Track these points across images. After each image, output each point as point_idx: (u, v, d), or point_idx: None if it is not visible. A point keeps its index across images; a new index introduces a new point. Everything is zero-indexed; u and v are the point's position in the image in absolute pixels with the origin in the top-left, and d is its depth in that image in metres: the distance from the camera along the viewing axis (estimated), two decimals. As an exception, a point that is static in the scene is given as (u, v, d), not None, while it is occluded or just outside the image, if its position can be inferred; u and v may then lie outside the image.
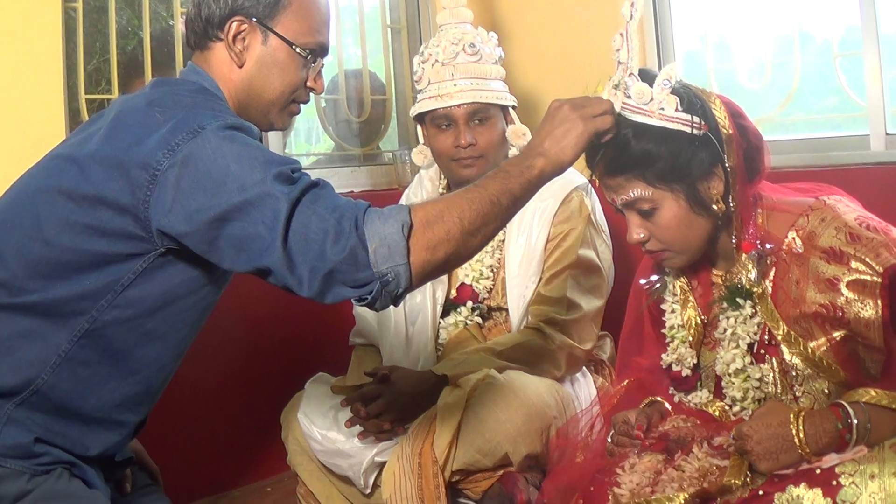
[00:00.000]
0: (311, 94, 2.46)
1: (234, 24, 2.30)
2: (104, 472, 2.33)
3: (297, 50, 2.33)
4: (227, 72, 2.33)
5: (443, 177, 3.54)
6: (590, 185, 3.21)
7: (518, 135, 3.39)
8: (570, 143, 2.23)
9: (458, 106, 3.33)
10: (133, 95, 2.30)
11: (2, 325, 2.15)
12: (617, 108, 2.31)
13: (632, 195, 2.32)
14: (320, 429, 3.17)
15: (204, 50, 2.36)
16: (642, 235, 2.36)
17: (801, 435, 2.10)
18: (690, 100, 2.31)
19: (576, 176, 3.30)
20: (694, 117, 2.28)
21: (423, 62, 3.46)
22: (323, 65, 2.45)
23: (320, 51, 2.40)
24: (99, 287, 2.14)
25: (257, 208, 2.01)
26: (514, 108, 3.47)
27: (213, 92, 2.30)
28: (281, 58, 2.33)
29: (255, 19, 2.30)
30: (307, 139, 4.88)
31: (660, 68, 2.38)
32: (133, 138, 2.10)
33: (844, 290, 2.21)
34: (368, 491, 3.10)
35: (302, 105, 2.45)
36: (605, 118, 2.26)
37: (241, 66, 2.33)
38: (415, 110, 3.47)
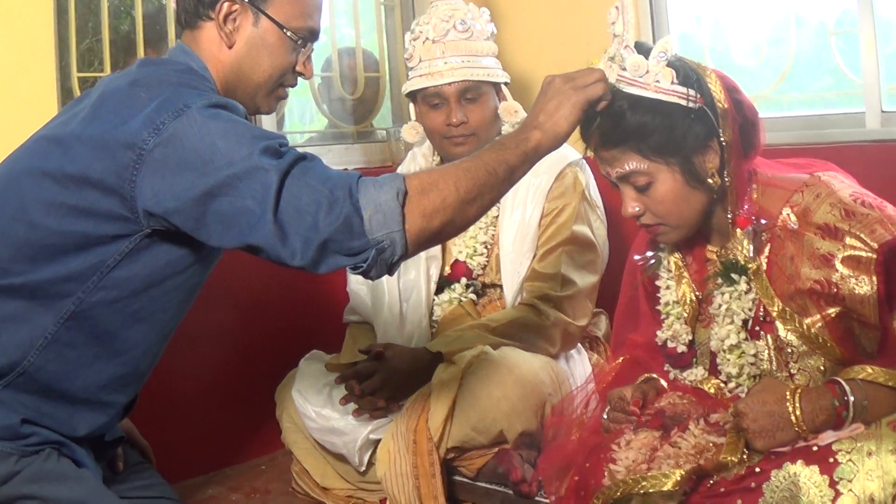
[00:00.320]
0: (300, 79, 2.45)
1: (226, 5, 2.29)
2: (95, 451, 2.34)
3: (288, 34, 2.32)
4: (216, 52, 2.32)
5: (436, 153, 3.52)
6: (584, 161, 3.24)
7: (510, 112, 3.38)
8: (563, 114, 2.23)
9: (449, 84, 3.32)
10: (117, 75, 2.29)
11: None
12: (612, 80, 2.30)
13: (627, 168, 2.32)
14: (315, 406, 3.17)
15: (194, 29, 2.35)
16: (637, 209, 2.36)
17: (798, 412, 2.10)
18: (686, 73, 2.30)
19: (570, 151, 3.29)
20: (689, 90, 2.28)
21: (413, 39, 3.44)
22: (313, 50, 2.43)
23: (311, 35, 2.39)
24: (84, 268, 2.13)
25: (245, 182, 2.01)
26: (506, 84, 3.45)
27: (199, 73, 2.29)
28: (271, 40, 2.32)
29: (246, 0, 2.29)
30: (301, 118, 4.87)
31: (653, 42, 2.37)
32: (118, 118, 2.09)
33: (839, 266, 2.20)
34: (363, 468, 3.11)
35: (290, 89, 2.45)
36: (596, 86, 2.25)
37: (230, 47, 2.32)
38: (406, 88, 3.46)
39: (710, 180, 2.31)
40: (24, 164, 2.19)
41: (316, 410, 3.16)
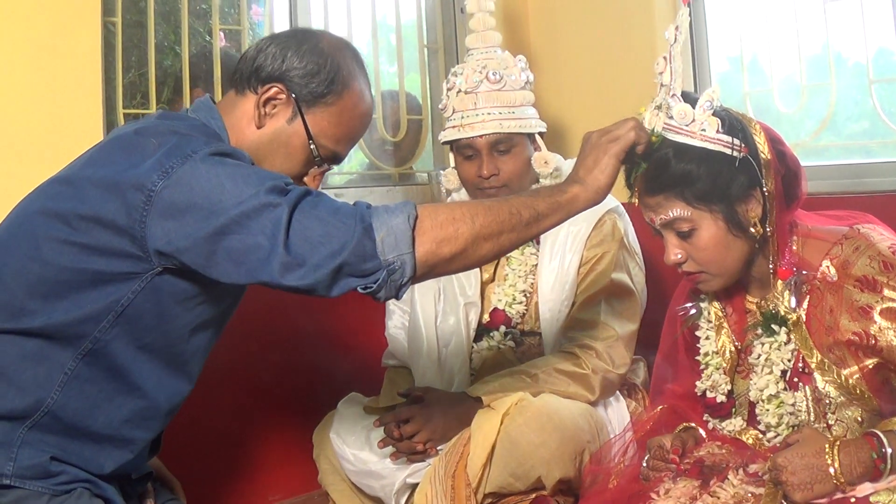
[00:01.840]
0: None
1: (274, 90, 2.32)
2: (123, 489, 2.35)
3: (312, 146, 2.34)
4: (244, 125, 2.35)
5: (473, 203, 3.53)
6: (622, 208, 3.24)
7: (541, 162, 3.36)
8: (601, 167, 2.26)
9: (480, 136, 3.31)
10: (132, 124, 2.33)
11: (6, 349, 2.16)
12: (658, 129, 2.34)
13: (671, 215, 2.34)
14: (352, 448, 3.17)
15: (238, 93, 2.38)
16: (679, 256, 2.37)
17: (837, 465, 2.10)
18: (731, 123, 2.34)
19: (608, 199, 3.29)
20: (734, 139, 2.30)
21: (448, 90, 3.45)
22: (328, 169, 2.46)
23: (332, 158, 2.42)
24: (100, 309, 2.15)
25: (255, 220, 2.04)
26: (541, 133, 3.44)
27: (215, 132, 2.31)
28: (295, 143, 2.35)
29: (294, 96, 2.32)
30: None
31: (696, 91, 2.40)
32: (128, 162, 2.13)
33: (877, 318, 2.21)
34: (400, 512, 3.11)
35: None
36: (629, 133, 2.29)
37: (258, 128, 2.34)
38: (441, 138, 3.47)
39: (752, 229, 2.33)
40: (38, 205, 2.21)
41: (354, 453, 3.16)
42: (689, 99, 2.34)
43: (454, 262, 2.15)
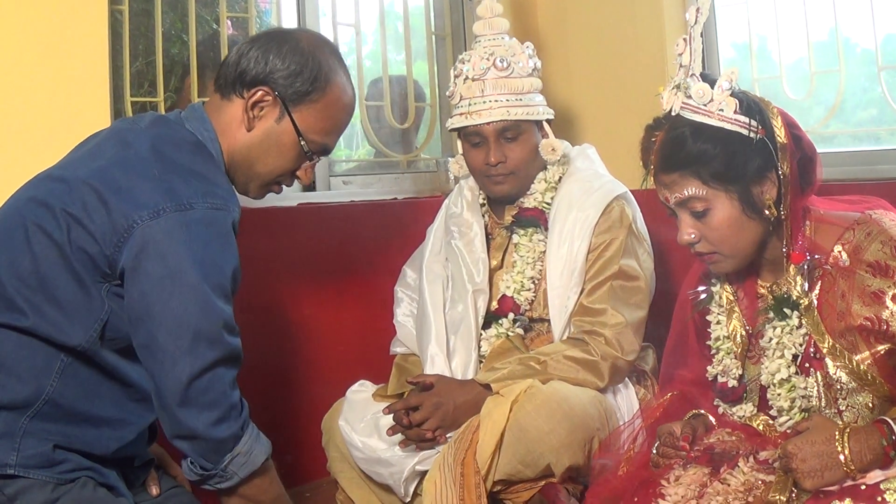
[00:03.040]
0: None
1: (260, 93, 2.37)
2: (126, 477, 2.38)
3: (302, 143, 2.41)
4: (234, 129, 2.41)
5: (480, 190, 3.53)
6: (630, 194, 3.24)
7: (549, 149, 3.35)
8: None
9: (487, 123, 3.30)
10: (129, 126, 2.40)
11: (2, 340, 2.19)
12: (676, 109, 2.36)
13: (686, 193, 2.34)
14: (361, 436, 3.18)
15: (224, 98, 2.43)
16: (693, 236, 2.37)
17: (847, 452, 2.09)
18: (749, 104, 2.34)
19: (616, 185, 3.30)
20: (751, 121, 2.31)
21: (455, 77, 3.44)
22: (318, 160, 2.53)
23: (322, 151, 2.49)
24: (86, 319, 2.19)
25: (188, 338, 2.17)
26: (549, 120, 3.43)
27: (210, 151, 2.37)
28: (285, 141, 2.41)
29: (280, 97, 2.38)
30: (347, 145, 4.89)
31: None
32: (127, 182, 2.18)
33: (889, 304, 2.21)
34: (409, 500, 3.10)
35: (285, 186, 2.55)
36: None
37: (248, 131, 2.40)
38: (448, 125, 3.47)
39: (766, 211, 2.33)
40: (31, 195, 2.25)
41: (363, 440, 3.16)
42: (708, 79, 2.35)
43: None
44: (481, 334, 3.34)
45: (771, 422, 2.43)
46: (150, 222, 2.12)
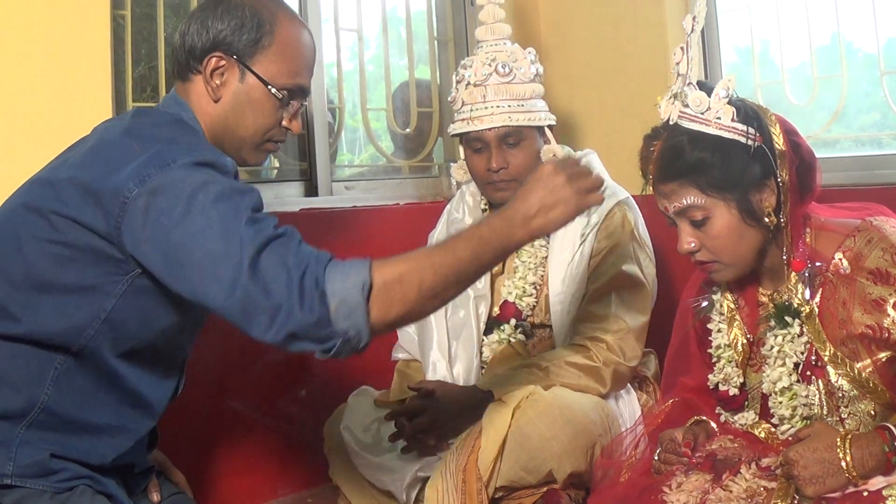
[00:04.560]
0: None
1: (213, 60, 2.33)
2: (126, 484, 2.37)
3: (273, 91, 2.34)
4: (204, 105, 2.36)
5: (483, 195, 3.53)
6: (632, 199, 3.24)
7: (550, 155, 3.35)
8: (557, 215, 2.25)
9: (489, 129, 3.30)
10: (112, 124, 2.36)
11: None
12: (674, 118, 2.35)
13: (685, 202, 2.34)
14: (363, 442, 3.18)
15: (185, 81, 2.39)
16: (693, 245, 2.37)
17: (849, 459, 2.09)
18: (747, 112, 2.35)
19: (618, 190, 3.29)
20: (749, 128, 2.31)
21: (457, 82, 3.45)
22: (302, 105, 2.46)
23: (298, 92, 2.42)
24: (84, 319, 2.17)
25: (222, 244, 2.05)
26: (550, 126, 3.43)
27: (190, 125, 2.33)
28: (256, 97, 2.35)
29: (234, 56, 2.33)
30: (350, 149, 4.89)
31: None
32: (108, 167, 2.14)
33: (891, 311, 2.22)
34: (410, 506, 3.11)
35: (280, 143, 2.49)
36: (597, 196, 2.30)
37: (216, 101, 2.35)
38: (451, 131, 3.47)
39: (766, 219, 2.33)
40: (19, 203, 2.23)
41: (364, 446, 3.16)
42: (705, 87, 2.36)
43: (402, 321, 2.18)
44: (483, 340, 3.35)
45: (773, 430, 2.43)
46: (140, 189, 2.07)
